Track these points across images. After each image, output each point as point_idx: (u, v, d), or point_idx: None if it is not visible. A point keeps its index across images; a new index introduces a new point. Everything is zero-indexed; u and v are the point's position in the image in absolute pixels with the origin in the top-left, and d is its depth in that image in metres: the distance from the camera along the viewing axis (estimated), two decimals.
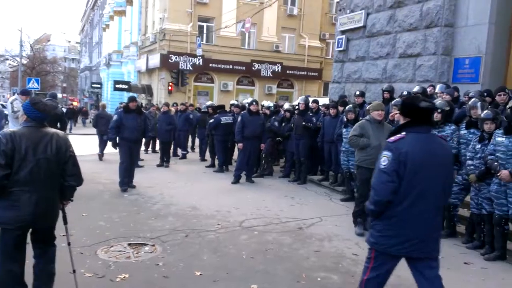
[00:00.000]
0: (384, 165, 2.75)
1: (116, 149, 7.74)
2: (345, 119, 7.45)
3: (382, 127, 5.48)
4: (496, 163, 4.62)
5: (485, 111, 5.10)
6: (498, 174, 4.61)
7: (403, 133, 2.82)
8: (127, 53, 31.36)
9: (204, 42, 22.48)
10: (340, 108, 8.39)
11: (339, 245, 5.11)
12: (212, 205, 6.68)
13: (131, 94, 27.15)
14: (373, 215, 2.87)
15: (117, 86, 25.75)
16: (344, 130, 7.38)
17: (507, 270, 4.53)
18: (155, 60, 22.89)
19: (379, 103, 5.82)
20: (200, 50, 20.93)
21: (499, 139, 4.68)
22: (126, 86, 25.52)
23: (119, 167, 7.63)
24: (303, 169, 8.96)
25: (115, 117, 7.83)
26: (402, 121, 2.93)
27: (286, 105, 10.55)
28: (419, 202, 2.72)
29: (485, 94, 6.70)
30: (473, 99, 5.71)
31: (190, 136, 13.73)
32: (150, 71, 24.93)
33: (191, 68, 22.09)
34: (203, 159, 11.89)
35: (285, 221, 6.05)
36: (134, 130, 7.64)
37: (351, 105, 7.63)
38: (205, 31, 23.16)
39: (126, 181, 7.63)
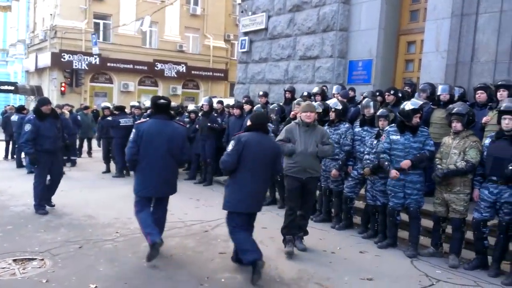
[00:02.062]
0: (132, 137, 4.56)
1: (35, 166, 6.51)
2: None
3: (314, 130, 4.94)
4: (387, 163, 4.99)
5: (381, 110, 5.55)
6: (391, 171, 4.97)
7: (148, 118, 4.85)
8: (13, 52, 28.66)
9: (101, 40, 21.37)
10: (246, 107, 8.56)
11: None
12: (110, 213, 6.34)
13: (18, 96, 24.87)
14: (131, 168, 4.83)
15: (2, 87, 23.34)
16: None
17: (398, 256, 4.97)
18: (45, 59, 21.18)
19: (309, 103, 5.25)
20: (96, 48, 19.84)
21: (394, 137, 5.04)
22: (12, 88, 23.22)
23: (34, 187, 6.39)
24: (209, 171, 8.95)
25: (28, 127, 6.28)
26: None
27: (191, 107, 10.46)
28: (152, 160, 4.52)
29: (377, 94, 7.30)
30: (366, 99, 6.18)
31: (87, 140, 13.01)
32: (40, 71, 23.01)
33: (86, 68, 20.84)
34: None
35: (190, 224, 5.97)
36: (55, 138, 6.47)
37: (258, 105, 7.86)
38: (101, 28, 22.02)
39: (44, 203, 6.40)
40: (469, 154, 4.56)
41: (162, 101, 4.73)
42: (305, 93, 8.21)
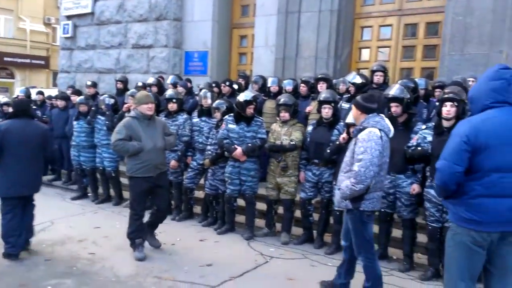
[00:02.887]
0: None
1: None
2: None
3: (154, 122, 4.69)
4: (233, 146, 5.22)
5: (216, 101, 5.74)
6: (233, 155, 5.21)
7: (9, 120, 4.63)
8: None
9: None
10: (73, 98, 7.92)
11: (74, 247, 4.84)
12: None
13: None
14: None
15: None
16: (75, 123, 7.02)
17: (236, 239, 5.28)
18: None
19: (147, 94, 4.90)
20: None
21: (231, 126, 5.29)
22: None
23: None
24: None
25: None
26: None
27: (3, 98, 9.21)
28: (14, 160, 4.40)
29: (214, 85, 7.56)
30: (203, 90, 6.36)
31: None
32: None
33: None
34: None
35: None
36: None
37: (82, 97, 7.33)
38: None
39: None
40: (294, 135, 5.09)
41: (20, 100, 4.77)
42: (140, 84, 8.02)
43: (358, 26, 8.20)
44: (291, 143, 5.07)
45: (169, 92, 6.28)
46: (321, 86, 5.98)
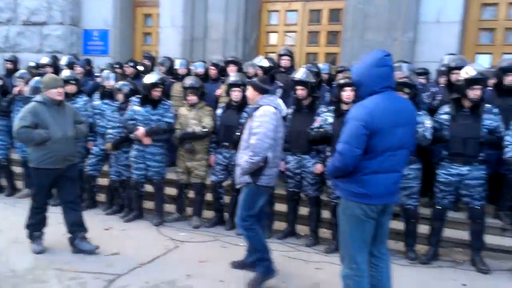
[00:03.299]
0: None
1: None
2: None
3: (64, 110, 4.31)
4: (137, 127, 5.06)
5: (119, 83, 5.51)
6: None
7: None
8: None
9: None
10: None
11: None
12: None
13: None
14: None
15: None
16: None
17: (145, 226, 5.19)
18: None
19: (57, 77, 4.52)
20: None
21: (136, 108, 5.15)
22: None
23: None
24: None
25: None
26: None
27: None
28: None
29: (116, 66, 7.25)
30: (105, 71, 6.08)
31: None
32: None
33: None
34: None
35: None
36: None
37: None
38: None
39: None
40: (205, 121, 5.09)
41: None
42: (32, 64, 7.43)
43: (265, 10, 8.36)
44: (204, 130, 5.05)
45: (66, 73, 5.88)
46: (231, 69, 6.04)
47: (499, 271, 4.19)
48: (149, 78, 5.18)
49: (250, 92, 3.76)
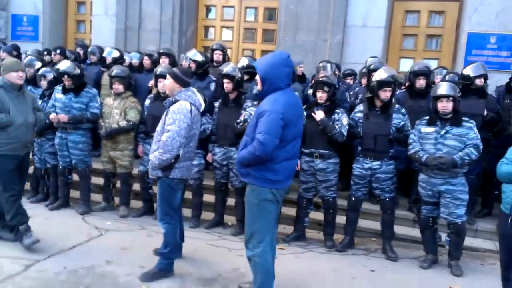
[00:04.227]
0: None
1: None
2: None
3: (24, 95, 4.20)
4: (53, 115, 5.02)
5: (42, 69, 5.41)
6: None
7: None
8: None
9: None
10: None
11: None
12: None
13: None
14: None
15: None
16: None
17: (70, 215, 5.19)
18: None
19: (17, 60, 4.39)
20: None
21: (57, 95, 5.14)
22: None
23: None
24: None
25: None
26: None
27: None
28: None
29: (45, 52, 7.08)
30: (28, 57, 5.92)
31: None
32: None
33: None
34: None
35: None
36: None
37: None
38: None
39: None
40: (130, 114, 5.12)
41: None
42: None
43: (202, 4, 8.46)
44: (129, 124, 5.08)
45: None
46: (163, 61, 6.10)
47: (407, 259, 4.57)
48: (60, 66, 5.18)
49: (169, 82, 3.73)
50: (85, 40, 8.45)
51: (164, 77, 4.94)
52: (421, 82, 5.04)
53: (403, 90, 5.41)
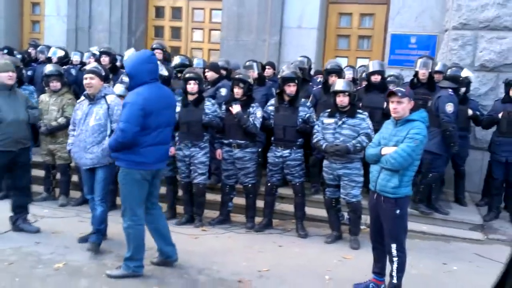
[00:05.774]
0: None
1: None
2: None
3: (15, 94, 4.50)
4: None
5: None
6: None
7: None
8: None
9: None
10: None
11: None
12: None
13: None
14: None
15: None
16: None
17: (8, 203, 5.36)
18: None
19: (7, 61, 4.65)
20: None
21: None
22: None
23: None
24: None
25: None
26: None
27: None
28: None
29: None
30: None
31: None
32: None
33: None
34: None
35: None
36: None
37: None
38: None
39: None
40: (67, 111, 5.43)
41: None
42: None
43: (152, 5, 8.80)
44: (68, 120, 5.22)
45: None
46: (103, 60, 6.40)
47: (316, 236, 5.02)
48: None
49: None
50: (39, 40, 8.69)
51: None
52: (333, 79, 5.49)
53: (319, 86, 5.85)
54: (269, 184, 5.10)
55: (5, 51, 6.84)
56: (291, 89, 4.78)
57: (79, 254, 4.15)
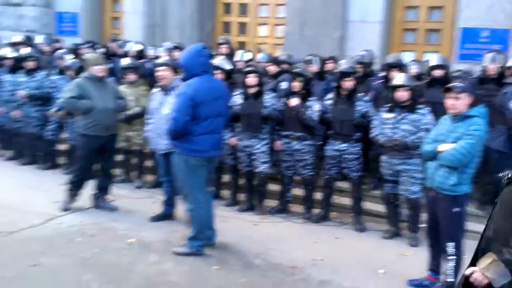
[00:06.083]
0: None
1: None
2: None
3: (106, 85, 5.02)
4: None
5: (70, 61, 6.30)
6: None
7: None
8: None
9: None
10: None
11: None
12: None
13: None
14: None
15: None
16: None
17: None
18: None
19: (98, 56, 5.24)
20: None
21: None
22: None
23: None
24: None
25: None
26: None
27: None
28: None
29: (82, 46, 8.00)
30: (61, 51, 6.85)
31: None
32: None
33: None
34: None
35: None
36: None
37: None
38: None
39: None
40: (142, 101, 5.78)
41: None
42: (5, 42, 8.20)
43: (220, 1, 9.13)
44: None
45: (26, 50, 6.73)
46: (175, 54, 6.78)
47: (373, 231, 5.03)
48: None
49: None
50: (119, 36, 9.34)
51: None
52: (393, 74, 5.45)
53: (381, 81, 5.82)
54: (326, 176, 5.22)
55: (87, 45, 7.46)
56: (348, 83, 4.86)
57: (150, 231, 4.60)
